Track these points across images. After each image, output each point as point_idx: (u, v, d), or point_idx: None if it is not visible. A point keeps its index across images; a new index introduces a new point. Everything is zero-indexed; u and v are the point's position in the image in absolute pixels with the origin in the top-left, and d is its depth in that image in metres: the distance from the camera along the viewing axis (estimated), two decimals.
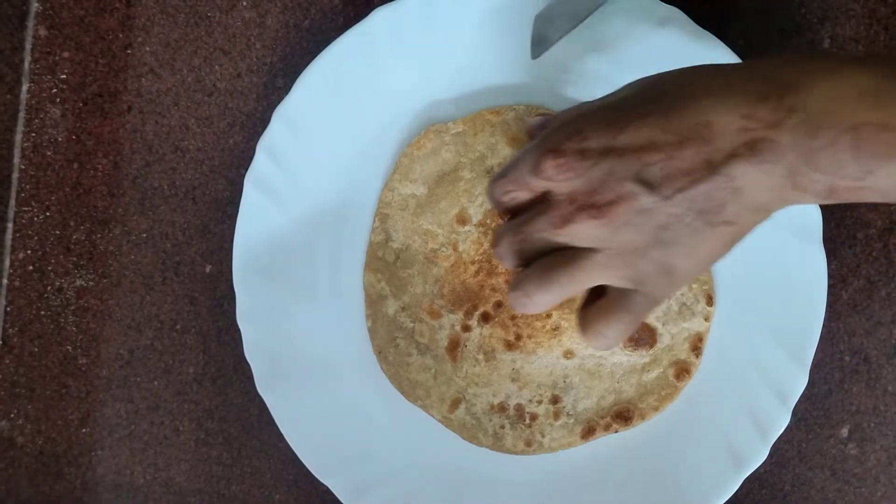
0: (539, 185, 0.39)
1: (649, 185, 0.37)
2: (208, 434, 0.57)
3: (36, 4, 0.56)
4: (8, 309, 0.57)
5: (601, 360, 0.52)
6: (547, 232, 0.39)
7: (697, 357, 0.51)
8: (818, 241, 0.50)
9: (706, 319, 0.51)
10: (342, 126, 0.52)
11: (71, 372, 0.57)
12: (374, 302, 0.53)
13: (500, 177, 0.41)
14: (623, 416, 0.52)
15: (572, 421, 0.52)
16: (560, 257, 0.39)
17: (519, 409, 0.52)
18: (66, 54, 0.56)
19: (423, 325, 0.53)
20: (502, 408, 0.52)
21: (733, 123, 0.36)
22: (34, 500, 0.58)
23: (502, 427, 0.52)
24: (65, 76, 0.56)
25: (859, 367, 0.53)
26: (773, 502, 0.54)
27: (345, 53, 0.51)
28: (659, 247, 0.38)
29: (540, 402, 0.52)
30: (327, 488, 0.52)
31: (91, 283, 0.57)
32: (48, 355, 0.57)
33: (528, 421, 0.52)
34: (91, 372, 0.57)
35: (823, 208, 0.50)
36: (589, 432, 0.52)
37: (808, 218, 0.50)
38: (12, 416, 0.58)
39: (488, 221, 0.52)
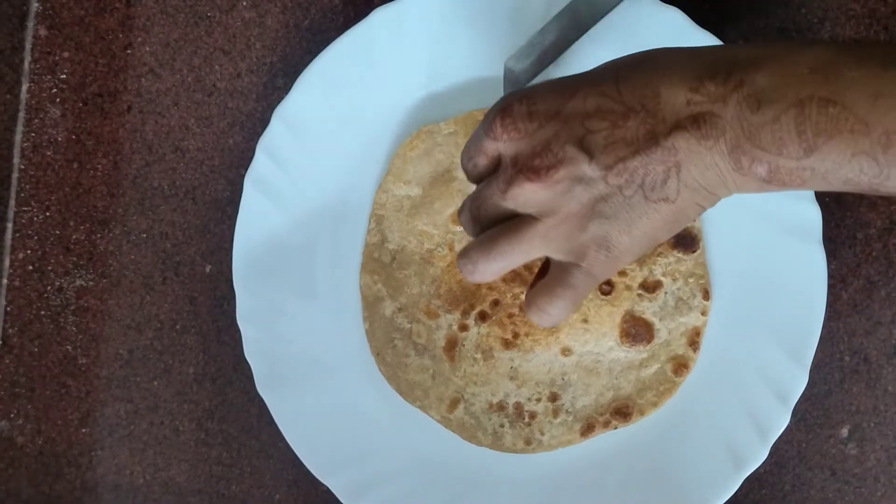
0: (491, 146, 0.39)
1: (590, 153, 0.37)
2: (208, 434, 0.57)
3: (36, 4, 0.56)
4: (8, 309, 0.57)
5: (599, 356, 0.52)
6: (496, 197, 0.39)
7: (695, 352, 0.51)
8: (818, 241, 0.50)
9: (703, 314, 0.51)
10: (342, 126, 0.52)
11: (71, 372, 0.57)
12: (370, 304, 0.53)
13: (466, 144, 0.41)
14: (622, 412, 0.52)
15: (571, 418, 0.52)
16: (504, 226, 0.40)
17: (518, 407, 0.52)
18: (66, 54, 0.56)
19: (420, 326, 0.53)
20: (501, 406, 0.52)
21: (680, 96, 0.36)
22: (34, 500, 0.58)
23: (501, 426, 0.52)
24: (65, 76, 0.56)
25: (859, 367, 0.53)
26: (773, 502, 0.54)
27: (345, 53, 0.51)
28: (597, 218, 0.38)
29: (539, 401, 0.52)
30: (327, 488, 0.52)
31: (91, 283, 0.57)
32: (48, 355, 0.57)
33: (527, 419, 0.52)
34: (91, 372, 0.57)
35: (823, 208, 0.50)
36: (588, 429, 0.52)
37: (807, 218, 0.50)
38: (12, 415, 0.58)
39: None
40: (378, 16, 0.51)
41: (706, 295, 0.51)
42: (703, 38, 0.50)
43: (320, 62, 0.52)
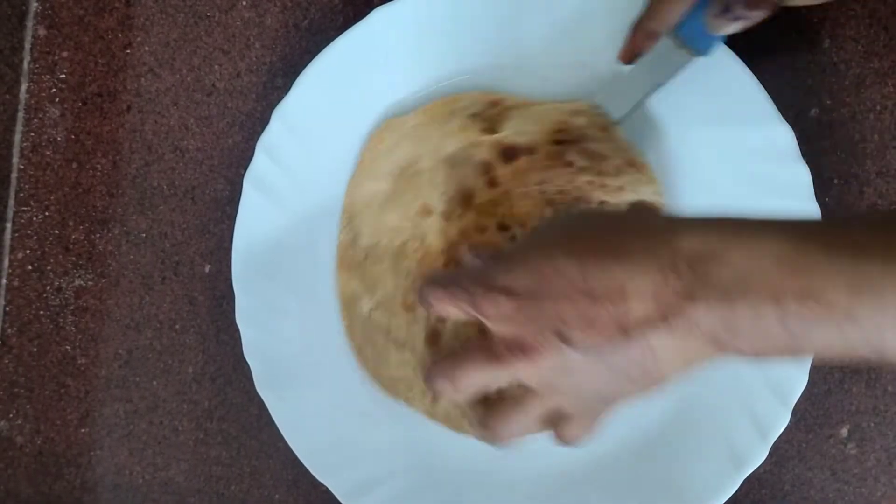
0: (472, 314, 0.40)
1: (567, 341, 0.37)
2: (207, 434, 0.57)
3: (35, 4, 0.56)
4: (7, 309, 0.57)
5: None
6: (486, 374, 0.41)
7: None
8: None
9: None
10: (341, 126, 0.52)
11: (70, 372, 0.57)
12: (348, 302, 0.53)
13: (436, 286, 0.41)
14: None
15: None
16: (506, 405, 0.42)
17: (500, 393, 0.52)
18: (65, 54, 0.56)
19: (398, 320, 0.52)
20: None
21: (646, 292, 0.36)
22: (33, 500, 0.58)
23: None
24: (64, 76, 0.56)
25: (859, 367, 0.53)
26: (773, 502, 0.54)
27: (344, 53, 0.51)
28: (587, 391, 0.40)
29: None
30: (327, 488, 0.52)
31: (90, 283, 0.57)
32: (47, 355, 0.57)
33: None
34: (90, 372, 0.57)
35: (823, 208, 0.50)
36: None
37: (807, 218, 0.50)
38: (11, 415, 0.58)
39: (452, 211, 0.51)
40: (378, 16, 0.51)
41: None
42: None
43: (320, 62, 0.51)
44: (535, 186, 0.50)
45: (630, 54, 0.49)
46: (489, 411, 0.43)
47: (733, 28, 0.45)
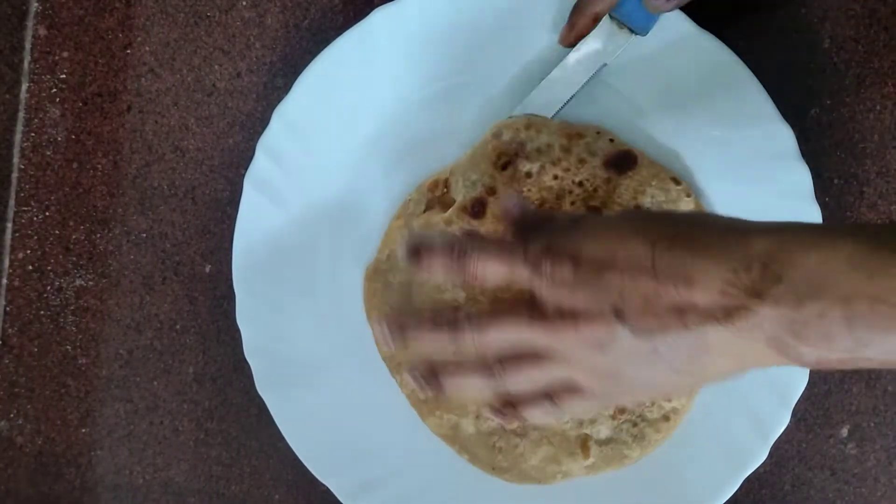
0: (523, 276, 0.40)
1: (623, 319, 0.37)
2: (208, 434, 0.57)
3: (36, 4, 0.56)
4: (7, 309, 0.57)
5: None
6: (522, 324, 0.40)
7: None
8: None
9: None
10: (342, 126, 0.52)
11: (70, 372, 0.57)
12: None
13: (483, 252, 0.41)
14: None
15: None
16: (532, 362, 0.41)
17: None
18: (65, 54, 0.56)
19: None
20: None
21: (714, 285, 0.36)
22: (34, 500, 0.58)
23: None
24: (64, 76, 0.56)
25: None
26: (773, 502, 0.54)
27: (344, 53, 0.51)
28: (617, 370, 0.39)
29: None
30: (327, 488, 0.52)
31: (90, 283, 0.57)
32: (47, 355, 0.57)
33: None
34: (90, 372, 0.57)
35: (823, 208, 0.50)
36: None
37: (808, 218, 0.50)
38: (12, 416, 0.58)
39: (470, 294, 0.51)
40: (378, 16, 0.51)
41: None
42: (703, 39, 0.50)
43: (320, 62, 0.51)
44: None
45: (573, 38, 0.50)
46: (504, 362, 0.42)
47: (670, 7, 0.47)
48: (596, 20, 0.49)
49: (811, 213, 0.50)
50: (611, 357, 0.38)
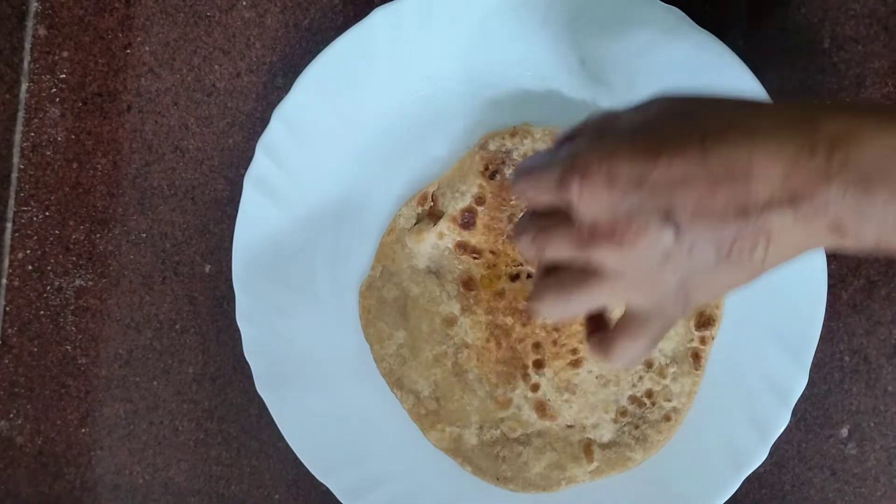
0: (563, 199, 0.37)
1: (676, 224, 0.35)
2: (208, 434, 0.57)
3: (35, 4, 0.56)
4: (7, 309, 0.57)
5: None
6: (566, 249, 0.38)
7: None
8: None
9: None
10: (342, 126, 0.52)
11: (70, 372, 0.57)
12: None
13: (522, 174, 0.39)
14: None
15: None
16: (578, 277, 0.38)
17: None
18: (65, 54, 0.56)
19: (502, 411, 0.52)
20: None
21: (777, 171, 0.34)
22: (33, 500, 0.58)
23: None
24: (64, 76, 0.56)
25: (859, 367, 0.53)
26: (773, 502, 0.54)
27: (344, 53, 0.51)
28: (676, 280, 0.37)
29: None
30: (327, 488, 0.52)
31: (90, 283, 0.57)
32: (47, 355, 0.57)
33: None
34: (90, 372, 0.57)
35: None
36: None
37: None
38: (11, 415, 0.58)
39: (466, 302, 0.52)
40: (378, 16, 0.51)
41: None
42: (703, 39, 0.50)
43: (320, 62, 0.51)
44: (509, 224, 0.51)
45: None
46: (551, 282, 0.39)
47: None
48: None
49: None
50: (664, 266, 0.36)
